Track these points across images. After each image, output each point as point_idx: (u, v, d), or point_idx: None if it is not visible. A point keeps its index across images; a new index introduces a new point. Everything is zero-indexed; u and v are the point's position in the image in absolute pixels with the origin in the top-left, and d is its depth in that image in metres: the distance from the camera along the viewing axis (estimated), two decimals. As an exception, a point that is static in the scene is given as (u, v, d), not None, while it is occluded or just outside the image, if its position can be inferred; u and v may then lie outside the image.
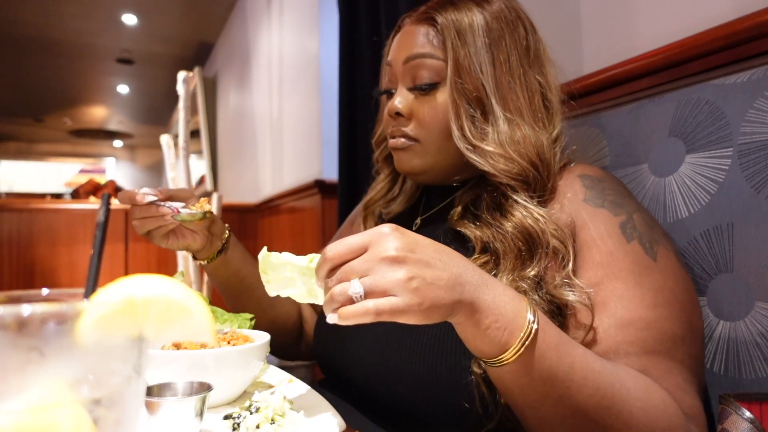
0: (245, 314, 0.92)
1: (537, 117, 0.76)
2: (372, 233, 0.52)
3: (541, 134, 0.75)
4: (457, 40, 0.76)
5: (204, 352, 0.65)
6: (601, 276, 0.64)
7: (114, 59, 6.06)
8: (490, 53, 0.76)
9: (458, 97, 0.75)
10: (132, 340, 0.30)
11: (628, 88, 1.01)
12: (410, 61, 0.79)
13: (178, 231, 0.88)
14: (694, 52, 0.88)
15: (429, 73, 0.78)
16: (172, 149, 3.02)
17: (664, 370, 0.59)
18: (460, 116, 0.75)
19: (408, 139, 0.81)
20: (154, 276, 0.35)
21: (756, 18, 0.79)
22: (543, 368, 0.52)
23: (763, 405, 0.53)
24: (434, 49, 0.78)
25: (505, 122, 0.74)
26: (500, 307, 0.52)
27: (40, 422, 0.25)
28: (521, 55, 0.77)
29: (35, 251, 3.51)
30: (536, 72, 0.79)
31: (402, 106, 0.80)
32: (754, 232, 0.68)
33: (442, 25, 0.77)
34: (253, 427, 0.57)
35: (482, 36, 0.76)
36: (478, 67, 0.75)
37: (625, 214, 0.68)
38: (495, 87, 0.75)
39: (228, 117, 5.20)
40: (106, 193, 0.42)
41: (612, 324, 0.61)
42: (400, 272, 0.49)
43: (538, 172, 0.73)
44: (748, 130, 0.71)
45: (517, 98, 0.76)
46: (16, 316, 0.25)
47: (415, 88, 0.80)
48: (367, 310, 0.48)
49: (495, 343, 0.52)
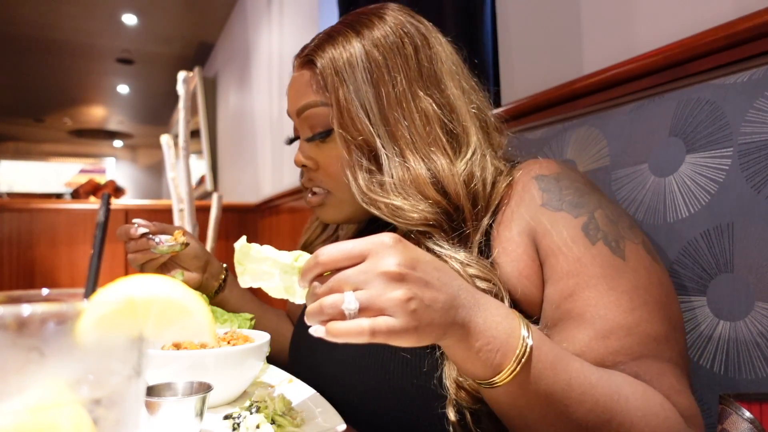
0: (245, 314, 0.92)
1: (435, 144, 0.71)
2: (373, 242, 0.48)
3: (442, 164, 0.70)
4: (335, 81, 0.72)
5: (204, 352, 0.65)
6: (572, 286, 0.61)
7: (114, 59, 6.06)
8: (372, 87, 0.72)
9: (346, 147, 0.72)
10: (132, 340, 0.30)
11: (628, 88, 1.01)
12: (301, 113, 0.78)
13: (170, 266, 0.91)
14: (694, 52, 0.88)
15: (321, 122, 0.76)
16: (172, 149, 3.02)
17: (655, 373, 0.58)
18: (352, 169, 0.72)
19: (321, 189, 0.79)
20: (154, 276, 0.35)
21: (756, 18, 0.79)
22: (540, 388, 0.51)
23: (763, 405, 0.53)
24: (318, 95, 0.75)
25: (398, 165, 0.70)
26: (492, 329, 0.51)
27: (40, 422, 0.25)
28: (411, 78, 0.72)
29: (35, 251, 3.51)
30: (434, 92, 0.73)
31: (305, 159, 0.79)
32: (754, 232, 0.68)
33: (321, 67, 0.74)
34: (253, 427, 0.57)
35: (362, 70, 0.72)
36: (361, 108, 0.71)
37: (587, 214, 0.65)
38: (382, 124, 0.71)
39: (228, 117, 5.20)
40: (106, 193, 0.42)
41: (593, 336, 0.59)
42: (399, 291, 0.46)
43: (444, 210, 0.68)
44: (748, 130, 0.71)
45: (406, 130, 0.71)
46: (16, 316, 0.25)
47: (312, 138, 0.78)
48: (362, 330, 0.45)
49: (487, 366, 0.50)
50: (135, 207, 3.83)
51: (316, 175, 0.79)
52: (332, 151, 0.76)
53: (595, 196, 0.67)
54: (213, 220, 2.98)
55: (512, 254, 0.67)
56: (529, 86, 1.32)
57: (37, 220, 3.54)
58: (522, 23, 1.37)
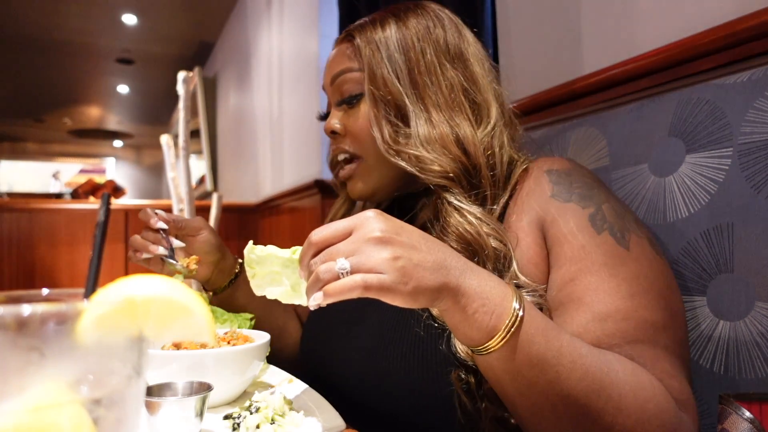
0: (245, 314, 0.92)
1: (458, 109, 0.76)
2: (357, 217, 0.53)
3: (464, 127, 0.74)
4: (370, 50, 0.78)
5: (204, 352, 0.66)
6: (575, 271, 0.63)
7: (114, 59, 6.07)
8: (403, 55, 0.77)
9: (375, 105, 0.77)
10: (132, 340, 0.30)
11: (628, 88, 1.01)
12: (335, 80, 0.82)
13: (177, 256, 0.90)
14: (694, 52, 0.88)
15: (351, 86, 0.81)
16: (172, 149, 3.02)
17: (649, 358, 0.58)
18: (379, 122, 0.76)
19: (349, 155, 0.83)
20: (154, 276, 0.35)
21: (756, 18, 0.79)
22: (531, 353, 0.52)
23: (763, 405, 0.53)
24: (352, 62, 0.81)
25: (425, 122, 0.75)
26: (486, 291, 0.53)
27: (40, 422, 0.25)
28: (439, 51, 0.78)
29: (35, 251, 3.51)
30: (458, 66, 0.78)
31: (334, 124, 0.82)
32: (754, 232, 0.68)
33: (358, 39, 0.80)
34: (253, 427, 0.57)
35: (395, 40, 0.78)
36: (392, 70, 0.77)
37: (594, 205, 0.67)
38: (411, 87, 0.76)
39: (228, 117, 5.20)
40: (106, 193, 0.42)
41: (590, 319, 0.60)
42: (386, 251, 0.49)
43: (464, 166, 0.72)
44: (748, 130, 0.71)
45: (434, 94, 0.76)
46: (16, 316, 0.25)
47: (341, 102, 0.82)
48: (355, 283, 0.48)
49: (483, 329, 0.52)
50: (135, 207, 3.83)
51: (344, 141, 0.83)
52: (360, 114, 0.80)
53: (603, 191, 0.70)
54: (213, 220, 2.98)
55: (522, 242, 0.69)
56: (529, 86, 1.32)
57: (37, 220, 3.54)
58: (522, 23, 1.37)
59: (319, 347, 0.86)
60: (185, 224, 0.90)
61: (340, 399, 0.76)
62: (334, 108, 0.84)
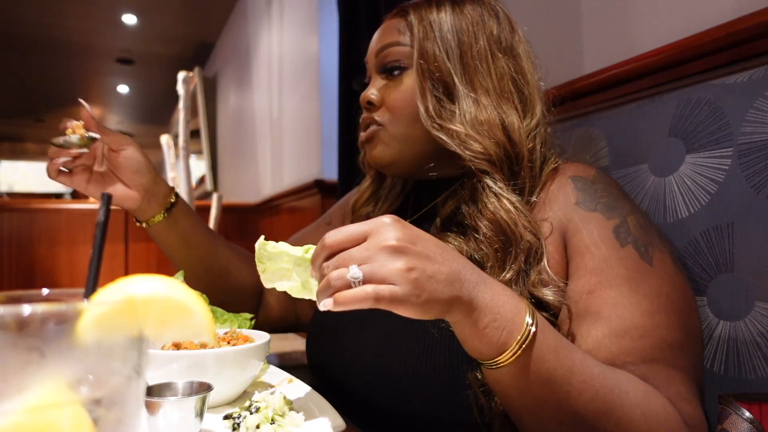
0: (245, 314, 0.92)
1: (506, 98, 0.75)
2: (373, 222, 0.51)
3: (509, 115, 0.74)
4: (423, 27, 0.77)
5: (204, 352, 0.65)
6: (594, 284, 0.62)
7: (114, 59, 6.06)
8: (456, 37, 0.76)
9: (423, 78, 0.76)
10: (132, 340, 0.30)
11: (628, 88, 1.01)
12: (381, 52, 0.81)
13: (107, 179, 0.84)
14: (694, 52, 0.88)
15: (397, 58, 0.80)
16: (172, 149, 3.02)
17: (664, 379, 0.57)
18: (425, 96, 0.75)
19: (374, 124, 0.81)
20: (154, 276, 0.35)
21: (756, 18, 0.79)
22: (542, 371, 0.51)
23: (763, 405, 0.53)
24: (403, 37, 0.80)
25: (472, 103, 0.74)
26: (499, 306, 0.52)
27: (40, 422, 0.25)
28: (491, 41, 0.78)
29: (35, 251, 3.51)
30: (509, 58, 0.78)
31: (372, 94, 0.81)
32: (754, 232, 0.68)
33: (412, 16, 0.79)
34: (253, 427, 0.57)
35: (449, 22, 0.77)
36: (443, 49, 0.76)
37: (619, 217, 0.66)
38: (461, 68, 0.75)
39: (228, 117, 5.20)
40: (106, 193, 0.42)
41: (606, 334, 0.59)
42: (400, 262, 0.48)
43: (507, 152, 0.72)
44: (748, 130, 0.71)
45: (484, 79, 0.75)
46: (16, 316, 0.25)
47: (383, 71, 0.81)
48: (367, 294, 0.47)
49: (493, 343, 0.51)
50: (135, 207, 3.82)
51: (376, 112, 0.82)
52: (399, 86, 0.79)
53: (628, 203, 0.69)
54: (213, 220, 2.98)
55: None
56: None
57: (37, 220, 3.54)
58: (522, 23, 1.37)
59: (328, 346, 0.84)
60: (107, 132, 0.81)
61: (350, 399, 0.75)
62: (375, 77, 0.83)
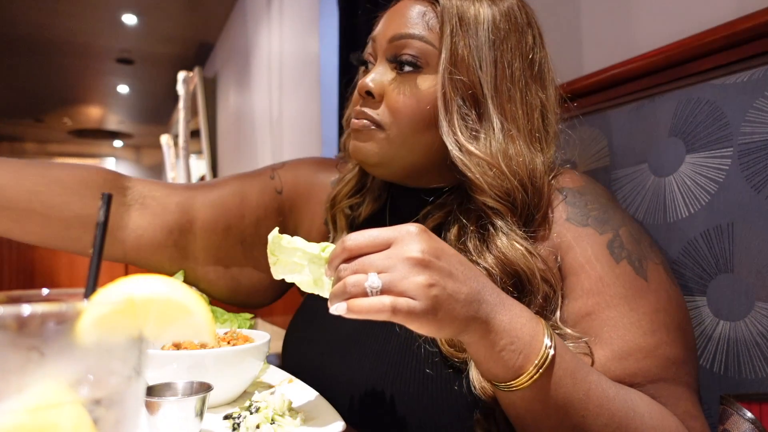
0: (245, 314, 0.92)
1: (534, 136, 0.69)
2: (399, 230, 0.49)
3: (536, 156, 0.67)
4: (458, 28, 0.66)
5: (204, 352, 0.65)
6: (592, 305, 0.61)
7: (114, 59, 6.06)
8: (493, 52, 0.67)
9: (451, 89, 0.66)
10: (132, 340, 0.30)
11: (628, 88, 1.01)
12: (396, 40, 0.69)
13: None
14: (694, 52, 0.88)
15: (414, 54, 0.68)
16: (172, 149, 3.02)
17: (672, 397, 0.57)
18: (450, 110, 0.66)
19: (372, 124, 0.70)
20: (154, 276, 0.35)
21: (756, 18, 0.79)
22: (558, 395, 0.50)
23: (764, 405, 0.53)
24: (428, 32, 0.68)
25: (501, 132, 0.66)
26: (516, 329, 0.50)
27: (40, 422, 0.25)
28: (525, 65, 0.69)
29: (35, 251, 3.50)
30: (539, 90, 0.71)
31: (374, 84, 0.70)
32: (754, 232, 0.68)
33: (444, 7, 0.67)
34: (253, 427, 0.57)
35: (487, 30, 0.67)
36: (477, 61, 0.66)
37: (612, 230, 0.64)
38: (494, 90, 0.67)
39: (228, 117, 5.20)
40: (106, 192, 0.42)
41: (609, 357, 0.58)
42: (422, 276, 0.46)
43: (527, 196, 0.65)
44: (748, 130, 0.71)
45: (515, 109, 0.67)
46: (16, 316, 0.25)
47: (394, 61, 0.70)
48: (383, 306, 0.45)
49: (509, 367, 0.50)
50: (135, 207, 3.82)
51: (374, 105, 0.71)
52: (410, 86, 0.69)
53: (618, 213, 0.67)
54: (213, 220, 2.98)
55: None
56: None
57: (37, 220, 3.54)
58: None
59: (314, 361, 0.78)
60: None
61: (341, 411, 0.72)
62: (381, 63, 0.72)
